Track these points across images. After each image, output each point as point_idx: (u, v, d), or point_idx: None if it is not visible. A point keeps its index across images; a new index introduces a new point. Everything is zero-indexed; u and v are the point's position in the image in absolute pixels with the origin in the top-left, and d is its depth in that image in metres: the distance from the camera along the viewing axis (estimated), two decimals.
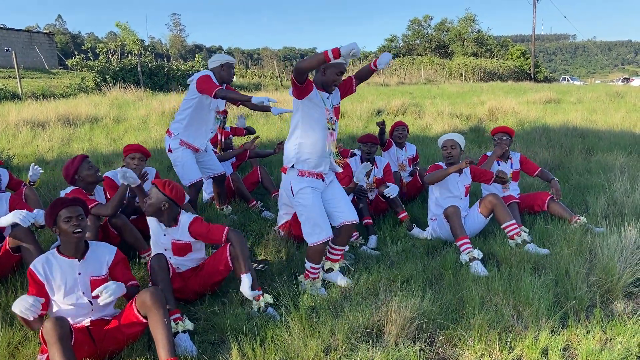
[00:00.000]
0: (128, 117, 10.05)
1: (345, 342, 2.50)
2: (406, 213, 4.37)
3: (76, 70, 20.77)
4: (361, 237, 4.03)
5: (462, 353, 2.50)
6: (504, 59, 48.74)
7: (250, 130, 6.12)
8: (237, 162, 5.61)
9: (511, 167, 4.54)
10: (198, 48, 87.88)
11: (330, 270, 3.30)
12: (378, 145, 4.61)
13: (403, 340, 2.52)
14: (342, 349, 2.47)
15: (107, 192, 3.73)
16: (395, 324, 2.55)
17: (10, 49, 20.10)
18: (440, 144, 4.11)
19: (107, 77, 15.98)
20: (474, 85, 25.18)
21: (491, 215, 3.91)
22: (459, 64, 41.20)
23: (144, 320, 2.37)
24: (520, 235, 3.74)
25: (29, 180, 4.10)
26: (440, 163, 4.08)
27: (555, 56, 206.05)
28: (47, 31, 33.40)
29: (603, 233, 3.65)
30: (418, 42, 57.44)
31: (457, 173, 3.96)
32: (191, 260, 3.06)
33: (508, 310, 2.75)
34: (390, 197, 4.24)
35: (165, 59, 30.13)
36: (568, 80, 43.99)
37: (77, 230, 2.43)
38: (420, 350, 2.47)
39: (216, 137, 5.18)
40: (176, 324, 2.57)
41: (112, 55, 22.00)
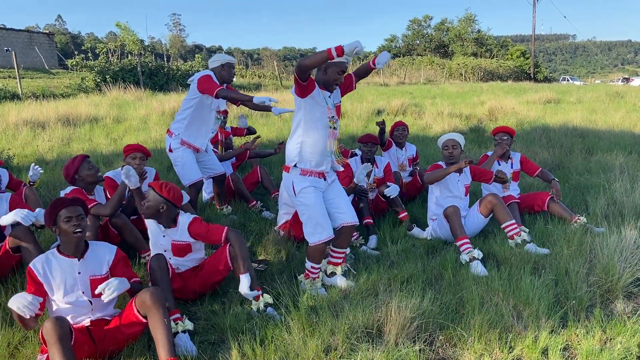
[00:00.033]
0: (128, 117, 10.05)
1: (345, 342, 2.50)
2: (406, 213, 4.37)
3: (76, 71, 20.77)
4: (361, 237, 4.03)
5: (462, 353, 2.50)
6: (504, 59, 48.74)
7: (251, 130, 6.12)
8: (237, 162, 5.61)
9: (511, 167, 4.54)
10: (198, 48, 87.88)
11: (333, 274, 3.27)
12: (378, 145, 4.61)
13: (403, 340, 2.52)
14: (342, 349, 2.47)
15: (108, 192, 3.73)
16: (395, 324, 2.55)
17: (10, 49, 20.11)
18: (440, 143, 4.11)
19: (107, 77, 15.98)
20: (474, 85, 25.17)
21: (491, 215, 3.91)
22: (458, 64, 41.20)
23: (144, 320, 2.37)
24: (520, 235, 3.74)
25: (28, 181, 4.09)
26: (440, 163, 4.08)
27: (555, 56, 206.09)
28: (47, 31, 33.42)
29: (603, 233, 3.65)
30: (418, 42, 57.44)
31: (457, 173, 3.96)
32: (191, 261, 3.06)
33: (508, 310, 2.75)
34: (391, 197, 4.24)
35: (165, 59, 30.12)
36: (568, 80, 43.98)
37: (78, 230, 2.44)
38: (420, 350, 2.47)
39: (217, 137, 5.19)
40: (176, 324, 2.57)
41: (112, 56, 22.02)
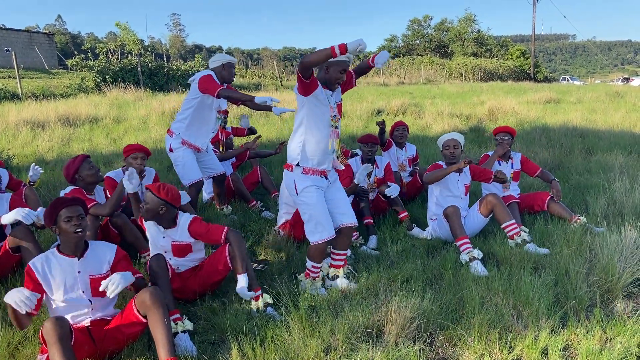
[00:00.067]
0: (128, 117, 10.05)
1: (345, 342, 2.50)
2: (406, 213, 4.37)
3: (76, 71, 20.77)
4: (361, 237, 4.03)
5: (462, 353, 2.50)
6: (504, 58, 48.72)
7: (252, 130, 6.12)
8: (237, 162, 5.61)
9: (512, 167, 4.54)
10: (198, 48, 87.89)
11: (335, 277, 3.25)
12: (378, 145, 4.62)
13: (403, 340, 2.52)
14: (342, 349, 2.47)
15: (108, 192, 3.73)
16: (395, 323, 2.55)
17: (10, 49, 20.09)
18: (441, 143, 4.10)
19: (107, 77, 15.97)
20: (474, 85, 25.17)
21: (491, 215, 3.91)
22: (458, 64, 41.19)
23: (144, 320, 2.37)
24: (520, 235, 3.74)
25: (28, 181, 4.09)
26: (440, 162, 4.08)
27: (555, 56, 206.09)
28: (47, 31, 33.41)
29: (603, 233, 3.65)
30: (418, 42, 57.43)
31: (457, 172, 3.96)
32: (191, 261, 3.06)
33: (508, 310, 2.75)
34: (391, 197, 4.24)
35: (165, 59, 30.12)
36: (568, 80, 43.97)
37: (78, 230, 2.44)
38: (420, 350, 2.47)
39: (217, 137, 5.19)
40: (176, 324, 2.57)
41: (112, 56, 22.03)
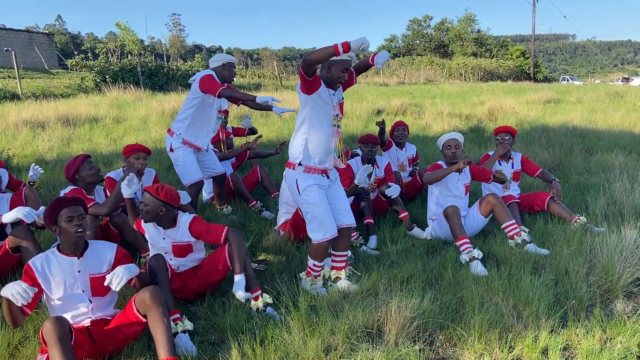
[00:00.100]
0: (128, 117, 10.05)
1: (345, 342, 2.50)
2: (407, 213, 4.37)
3: (76, 71, 20.76)
4: (361, 237, 4.03)
5: (462, 353, 2.50)
6: (504, 58, 48.70)
7: (253, 130, 6.12)
8: (237, 162, 5.61)
9: (512, 167, 4.54)
10: (198, 48, 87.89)
11: (337, 279, 3.24)
12: (379, 145, 4.62)
13: (403, 340, 2.52)
14: (342, 348, 2.47)
15: (108, 192, 3.73)
16: (395, 323, 2.55)
17: (10, 49, 20.08)
18: (441, 143, 4.09)
19: (107, 77, 15.97)
20: (474, 85, 25.17)
21: (491, 215, 3.91)
22: (458, 64, 41.18)
23: (144, 320, 2.37)
24: (520, 235, 3.74)
25: (28, 181, 4.09)
26: (440, 162, 4.08)
27: (555, 56, 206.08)
28: (47, 31, 33.39)
29: (603, 233, 3.65)
30: (418, 42, 57.39)
31: (457, 172, 3.96)
32: (192, 261, 3.06)
33: (508, 310, 2.75)
34: (392, 197, 4.24)
35: (165, 59, 30.12)
36: (568, 80, 43.97)
37: (80, 230, 2.44)
38: (420, 350, 2.47)
39: (218, 137, 5.19)
40: (176, 324, 2.57)
41: (112, 56, 22.03)
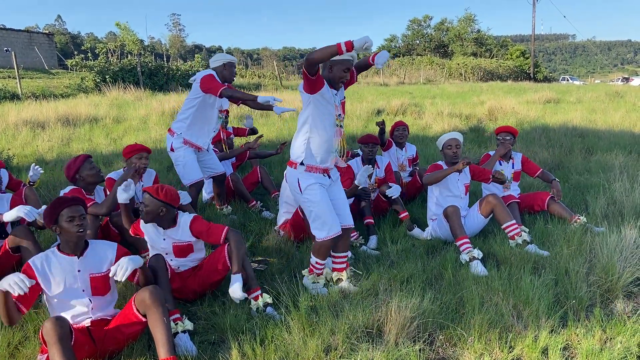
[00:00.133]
0: (128, 117, 10.05)
1: (345, 341, 2.50)
2: (407, 213, 4.37)
3: (76, 71, 20.77)
4: (361, 237, 4.03)
5: (462, 353, 2.50)
6: (504, 58, 48.69)
7: (253, 131, 6.13)
8: (237, 162, 5.61)
9: (512, 167, 4.54)
10: (198, 48, 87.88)
11: (339, 280, 3.22)
12: (379, 145, 4.62)
13: (403, 339, 2.52)
14: (342, 348, 2.47)
15: (109, 193, 3.73)
16: (395, 323, 2.55)
17: (9, 49, 20.08)
18: (442, 143, 4.07)
19: (107, 77, 15.97)
20: (474, 85, 25.18)
21: (491, 216, 3.91)
22: (458, 64, 41.17)
23: (144, 319, 2.37)
24: (520, 236, 3.73)
25: (28, 181, 4.09)
26: (440, 163, 4.07)
27: (555, 56, 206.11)
28: (47, 31, 33.37)
29: (603, 233, 3.65)
30: (418, 42, 57.37)
31: (457, 172, 3.96)
32: (192, 261, 3.07)
33: (508, 310, 2.75)
34: (393, 198, 4.24)
35: (165, 59, 30.11)
36: (568, 80, 43.96)
37: (81, 230, 2.44)
38: (420, 349, 2.47)
39: (219, 136, 5.18)
40: (176, 324, 2.57)
41: (112, 56, 22.02)
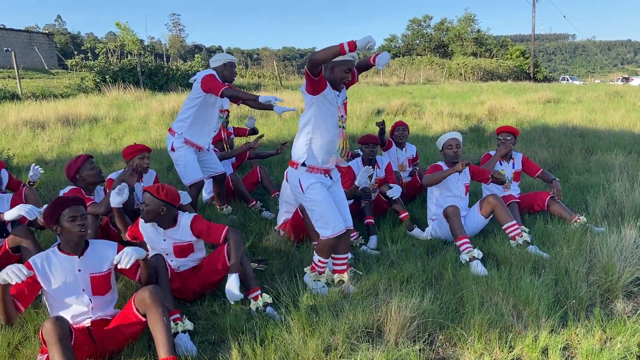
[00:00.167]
0: (128, 117, 10.05)
1: (345, 341, 2.50)
2: (407, 213, 4.37)
3: (76, 71, 20.78)
4: (361, 237, 4.03)
5: (462, 352, 2.50)
6: (504, 58, 48.67)
7: (254, 131, 6.13)
8: (237, 162, 5.60)
9: (513, 168, 4.54)
10: (197, 48, 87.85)
11: (340, 282, 3.21)
12: (379, 145, 4.61)
13: (403, 339, 2.52)
14: (342, 348, 2.47)
15: None
16: (395, 323, 2.55)
17: (9, 49, 20.07)
18: (441, 143, 4.07)
19: (107, 77, 15.97)
20: (474, 85, 25.17)
21: (491, 216, 3.91)
22: (458, 64, 41.15)
23: (144, 319, 2.37)
24: (521, 236, 3.73)
25: (28, 181, 4.09)
26: (440, 163, 4.07)
27: (555, 56, 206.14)
28: (47, 31, 33.36)
29: (603, 232, 3.65)
30: (417, 42, 57.35)
31: (457, 172, 3.96)
32: (192, 261, 3.07)
33: (508, 310, 2.75)
34: (393, 198, 4.24)
35: (165, 59, 30.12)
36: (567, 80, 43.95)
37: (83, 230, 2.44)
38: (420, 349, 2.47)
39: (220, 136, 5.18)
40: (176, 324, 2.57)
41: (112, 56, 22.04)
